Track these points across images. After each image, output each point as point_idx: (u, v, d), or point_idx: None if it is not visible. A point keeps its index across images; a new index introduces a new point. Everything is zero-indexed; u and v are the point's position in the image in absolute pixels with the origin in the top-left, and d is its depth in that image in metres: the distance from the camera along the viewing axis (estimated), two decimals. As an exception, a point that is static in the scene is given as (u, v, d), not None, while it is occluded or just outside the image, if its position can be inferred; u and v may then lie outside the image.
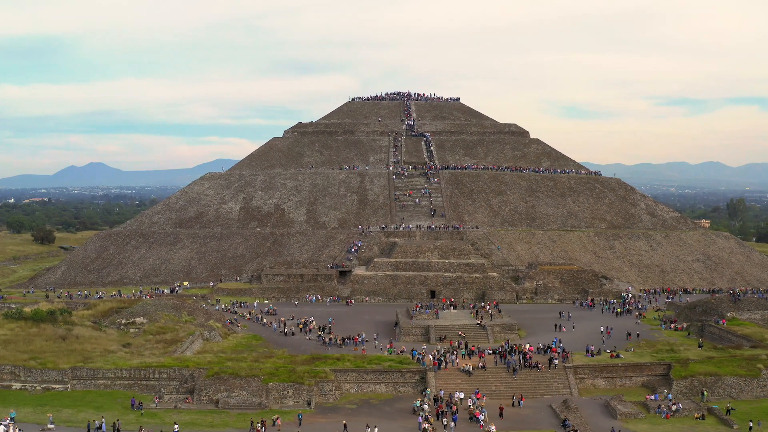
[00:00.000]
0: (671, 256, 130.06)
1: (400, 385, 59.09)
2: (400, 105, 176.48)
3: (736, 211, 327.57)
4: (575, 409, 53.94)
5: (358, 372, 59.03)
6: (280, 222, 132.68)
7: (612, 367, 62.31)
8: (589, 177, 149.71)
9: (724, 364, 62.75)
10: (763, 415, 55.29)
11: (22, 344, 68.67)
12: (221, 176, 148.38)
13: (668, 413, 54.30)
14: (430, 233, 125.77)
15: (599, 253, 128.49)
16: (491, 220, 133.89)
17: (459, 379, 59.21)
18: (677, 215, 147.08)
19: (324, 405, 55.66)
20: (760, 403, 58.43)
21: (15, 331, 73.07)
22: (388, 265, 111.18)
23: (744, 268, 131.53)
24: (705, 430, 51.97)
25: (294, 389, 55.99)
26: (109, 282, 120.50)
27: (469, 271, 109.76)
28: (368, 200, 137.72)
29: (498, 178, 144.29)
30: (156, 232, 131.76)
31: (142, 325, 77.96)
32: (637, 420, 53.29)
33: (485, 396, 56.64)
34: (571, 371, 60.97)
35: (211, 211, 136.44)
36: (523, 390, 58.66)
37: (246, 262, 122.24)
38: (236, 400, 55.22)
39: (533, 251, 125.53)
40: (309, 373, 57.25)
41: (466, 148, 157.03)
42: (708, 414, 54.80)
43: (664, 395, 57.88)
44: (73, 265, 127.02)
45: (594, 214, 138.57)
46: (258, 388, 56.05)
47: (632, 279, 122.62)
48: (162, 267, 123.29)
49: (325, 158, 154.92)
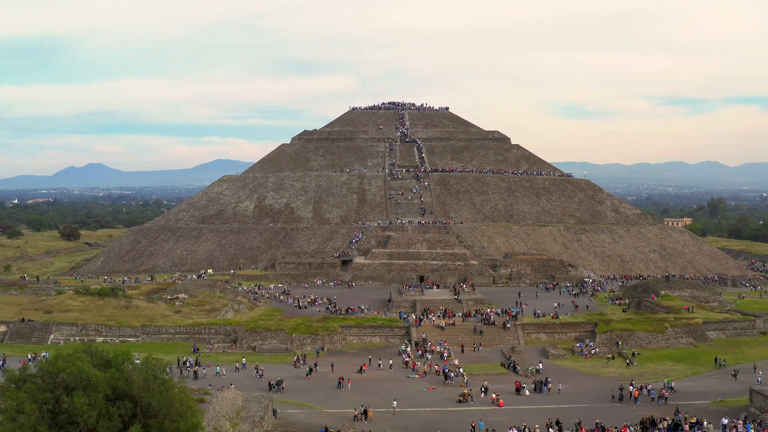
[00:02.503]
0: (631, 248, 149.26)
1: (390, 336, 78.37)
2: (395, 114, 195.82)
3: (716, 209, 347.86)
4: (519, 352, 73.13)
5: (359, 327, 78.38)
6: (290, 218, 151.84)
7: (551, 325, 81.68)
8: (561, 178, 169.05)
9: (638, 323, 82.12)
10: (660, 358, 74.55)
11: (96, 311, 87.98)
12: (237, 178, 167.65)
13: (587, 355, 73.61)
14: (421, 228, 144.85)
15: (567, 245, 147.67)
16: (474, 216, 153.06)
17: (434, 332, 78.47)
18: (638, 212, 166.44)
19: (333, 350, 74.88)
20: (662, 351, 77.65)
21: (86, 303, 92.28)
22: (384, 255, 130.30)
23: (695, 258, 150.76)
24: (612, 365, 71.25)
25: (311, 339, 75.25)
26: (143, 270, 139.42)
27: (453, 259, 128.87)
28: (367, 199, 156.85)
29: (481, 179, 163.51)
30: (182, 227, 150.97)
31: (185, 299, 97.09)
32: (564, 359, 72.54)
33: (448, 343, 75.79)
34: (520, 327, 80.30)
35: (229, 209, 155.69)
36: (483, 341, 77.89)
37: (261, 252, 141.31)
38: (268, 347, 74.45)
39: (510, 243, 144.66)
40: (322, 328, 76.57)
41: (454, 152, 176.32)
42: (618, 356, 74.11)
43: (587, 344, 77.14)
44: (110, 256, 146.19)
45: (564, 211, 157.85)
46: (284, 337, 75.32)
47: (595, 267, 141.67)
48: (188, 257, 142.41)
49: (328, 162, 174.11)
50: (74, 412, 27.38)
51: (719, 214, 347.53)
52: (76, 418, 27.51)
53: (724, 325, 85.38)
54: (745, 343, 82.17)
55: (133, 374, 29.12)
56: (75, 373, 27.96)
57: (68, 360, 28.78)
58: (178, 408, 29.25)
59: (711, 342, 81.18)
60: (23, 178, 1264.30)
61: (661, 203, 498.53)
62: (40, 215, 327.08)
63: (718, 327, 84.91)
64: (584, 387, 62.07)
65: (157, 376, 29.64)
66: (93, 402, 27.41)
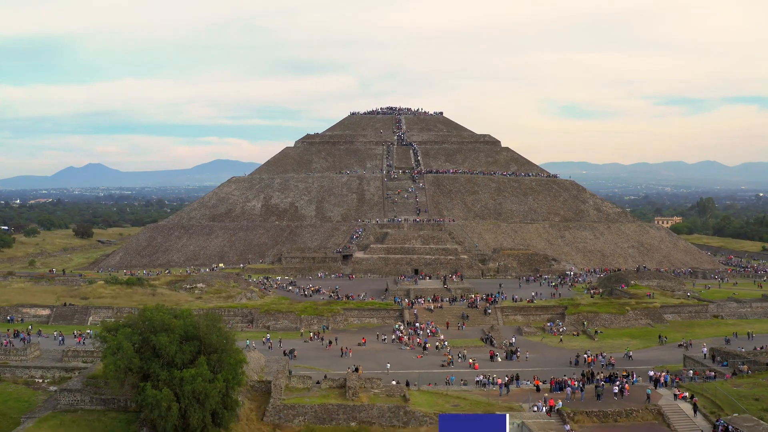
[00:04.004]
0: (611, 244, 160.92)
1: (386, 318, 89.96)
2: (393, 118, 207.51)
3: (704, 208, 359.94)
4: (497, 330, 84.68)
5: (359, 309, 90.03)
6: (294, 217, 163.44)
7: (527, 308, 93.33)
8: (548, 179, 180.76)
9: (603, 306, 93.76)
10: (620, 335, 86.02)
11: (126, 298, 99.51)
12: (245, 179, 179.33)
13: (556, 332, 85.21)
14: (416, 225, 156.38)
15: (552, 241, 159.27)
16: (465, 214, 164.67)
17: (424, 314, 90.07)
18: (619, 210, 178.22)
19: (336, 329, 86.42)
20: (622, 330, 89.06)
21: (116, 291, 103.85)
22: (381, 250, 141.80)
23: (671, 253, 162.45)
24: (576, 340, 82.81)
25: (317, 319, 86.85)
26: (159, 264, 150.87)
27: (445, 254, 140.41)
28: (365, 199, 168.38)
29: (472, 180, 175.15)
30: (194, 225, 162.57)
31: (203, 288, 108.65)
32: (535, 336, 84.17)
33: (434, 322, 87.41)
34: (499, 310, 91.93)
35: (238, 208, 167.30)
36: (466, 322, 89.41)
37: (268, 248, 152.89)
38: (280, 326, 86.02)
39: (498, 239, 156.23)
40: (327, 310, 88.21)
41: (447, 155, 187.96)
42: (582, 333, 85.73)
43: (557, 323, 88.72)
44: (128, 252, 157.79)
45: (550, 210, 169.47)
46: (294, 318, 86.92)
47: (577, 261, 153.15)
48: (200, 252, 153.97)
49: (329, 164, 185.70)
50: (159, 348, 38.86)
51: (708, 213, 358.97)
52: (160, 351, 38.99)
53: (680, 309, 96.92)
54: (698, 324, 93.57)
55: (199, 321, 40.72)
56: (159, 321, 39.52)
57: (153, 312, 40.34)
58: (229, 347, 40.81)
59: (667, 323, 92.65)
60: (23, 179, 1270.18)
61: (657, 203, 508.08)
62: (50, 215, 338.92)
63: (674, 311, 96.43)
64: (549, 356, 73.63)
65: (214, 324, 41.24)
66: (172, 340, 38.92)
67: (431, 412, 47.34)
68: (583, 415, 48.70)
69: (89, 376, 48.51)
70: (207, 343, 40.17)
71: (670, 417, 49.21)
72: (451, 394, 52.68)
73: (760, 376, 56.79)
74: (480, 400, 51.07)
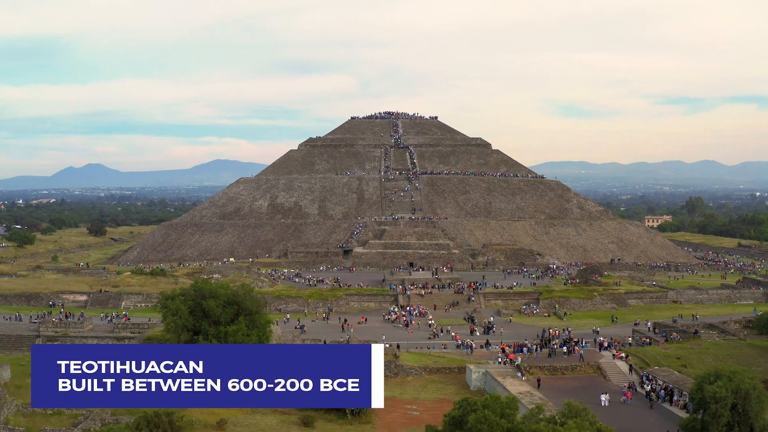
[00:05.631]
0: (592, 239, 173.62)
1: (383, 302, 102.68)
2: (390, 123, 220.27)
3: (694, 207, 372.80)
4: (479, 312, 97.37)
5: (359, 295, 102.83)
6: (299, 215, 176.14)
7: (506, 294, 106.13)
8: (534, 180, 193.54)
9: (573, 292, 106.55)
10: (586, 316, 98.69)
11: (152, 286, 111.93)
12: (252, 180, 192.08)
13: (530, 314, 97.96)
14: (411, 222, 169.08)
15: (537, 237, 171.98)
16: (457, 212, 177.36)
17: (416, 299, 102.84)
18: (601, 209, 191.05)
19: (339, 311, 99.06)
20: (589, 312, 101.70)
21: (142, 281, 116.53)
22: (379, 245, 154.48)
23: (648, 248, 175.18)
24: (547, 320, 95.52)
25: (322, 303, 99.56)
26: (174, 259, 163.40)
27: (438, 249, 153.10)
28: (365, 198, 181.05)
29: (464, 180, 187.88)
30: (205, 222, 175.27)
31: (219, 279, 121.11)
32: (512, 316, 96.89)
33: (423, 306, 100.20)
34: (482, 295, 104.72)
35: (246, 207, 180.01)
36: (452, 305, 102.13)
37: (275, 244, 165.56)
38: (290, 308, 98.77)
39: (488, 235, 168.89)
40: (331, 295, 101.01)
41: (441, 157, 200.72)
42: (553, 315, 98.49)
43: (532, 306, 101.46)
44: (145, 247, 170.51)
45: (536, 208, 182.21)
46: (302, 302, 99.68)
47: (561, 256, 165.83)
48: (212, 248, 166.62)
49: (331, 166, 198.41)
50: (208, 310, 51.60)
51: (697, 211, 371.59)
52: (208, 313, 51.71)
53: (642, 295, 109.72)
54: (657, 308, 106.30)
55: (238, 290, 53.53)
56: (208, 290, 52.31)
57: (203, 283, 53.15)
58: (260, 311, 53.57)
59: (630, 307, 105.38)
60: (22, 179, 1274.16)
61: (653, 202, 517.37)
62: (59, 214, 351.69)
63: (637, 296, 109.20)
64: (520, 331, 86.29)
65: (249, 293, 54.05)
66: (218, 304, 51.63)
67: (416, 365, 60.08)
68: (536, 368, 61.38)
69: (146, 338, 61.25)
70: (244, 307, 52.82)
71: (606, 371, 61.98)
72: (433, 354, 65.45)
73: (686, 342, 69.64)
74: (455, 358, 63.81)
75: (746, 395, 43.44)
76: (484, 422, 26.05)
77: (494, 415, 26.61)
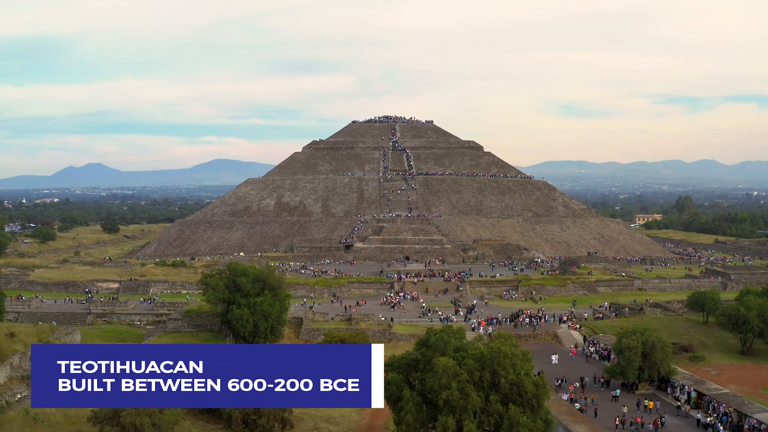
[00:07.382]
0: (575, 236, 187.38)
1: (380, 289, 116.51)
2: (388, 126, 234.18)
3: (683, 206, 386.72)
4: (464, 297, 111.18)
5: (359, 282, 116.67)
6: (303, 213, 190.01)
7: (490, 282, 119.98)
8: (523, 180, 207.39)
9: (549, 280, 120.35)
10: (558, 301, 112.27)
11: (175, 276, 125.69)
12: (260, 181, 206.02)
13: (509, 298, 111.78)
14: (407, 220, 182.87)
15: (525, 233, 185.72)
16: (451, 210, 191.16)
17: (410, 285, 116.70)
18: (584, 207, 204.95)
19: (342, 297, 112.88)
20: (562, 297, 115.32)
21: (165, 271, 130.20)
22: (378, 241, 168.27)
23: (627, 243, 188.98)
24: (523, 303, 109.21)
25: (327, 290, 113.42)
26: (188, 254, 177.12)
27: (432, 244, 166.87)
28: (364, 197, 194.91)
29: (457, 181, 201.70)
30: (217, 220, 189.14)
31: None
32: (493, 300, 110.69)
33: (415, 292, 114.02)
34: (468, 283, 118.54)
35: (254, 205, 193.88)
36: (441, 292, 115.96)
37: (281, 239, 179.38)
38: (299, 294, 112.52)
39: (478, 232, 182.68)
40: (335, 282, 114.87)
41: (436, 159, 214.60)
42: (529, 299, 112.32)
43: (511, 292, 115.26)
44: (161, 243, 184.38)
45: (524, 206, 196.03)
46: (309, 288, 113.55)
47: (546, 250, 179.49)
48: (223, 243, 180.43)
49: (333, 167, 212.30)
50: (240, 285, 65.43)
51: (686, 210, 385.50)
52: (240, 287, 65.52)
53: (611, 283, 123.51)
54: (624, 294, 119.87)
55: (263, 269, 67.53)
56: (240, 269, 66.24)
57: (236, 264, 67.09)
58: (282, 286, 67.56)
59: (599, 293, 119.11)
60: (23, 179, 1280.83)
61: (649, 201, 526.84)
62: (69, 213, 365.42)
63: (606, 284, 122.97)
64: (498, 311, 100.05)
65: (272, 272, 68.04)
66: (248, 280, 65.47)
67: (406, 333, 73.94)
68: (504, 336, 75.14)
69: (185, 312, 75.07)
70: (268, 282, 66.67)
71: (561, 338, 75.89)
72: (421, 326, 79.28)
73: (632, 317, 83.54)
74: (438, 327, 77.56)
75: (653, 346, 57.38)
76: (441, 341, 39.47)
77: (448, 336, 40.15)
